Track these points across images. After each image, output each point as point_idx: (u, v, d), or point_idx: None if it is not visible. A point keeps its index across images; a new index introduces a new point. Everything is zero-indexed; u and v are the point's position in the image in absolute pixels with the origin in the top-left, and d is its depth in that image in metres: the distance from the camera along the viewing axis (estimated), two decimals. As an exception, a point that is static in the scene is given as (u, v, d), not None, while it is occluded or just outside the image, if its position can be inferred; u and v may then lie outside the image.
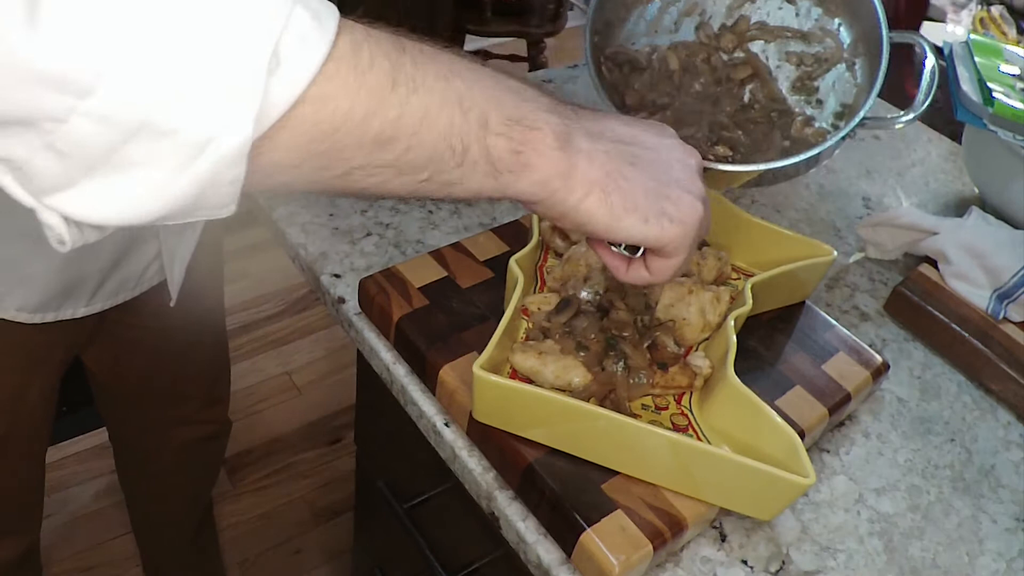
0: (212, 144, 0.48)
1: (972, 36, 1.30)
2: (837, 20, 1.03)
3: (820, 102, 1.03)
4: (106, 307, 1.17)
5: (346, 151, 0.55)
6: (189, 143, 0.48)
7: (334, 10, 0.54)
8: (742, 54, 1.05)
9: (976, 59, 1.23)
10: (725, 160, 0.96)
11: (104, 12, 0.45)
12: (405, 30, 0.61)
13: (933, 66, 0.99)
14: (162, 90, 0.46)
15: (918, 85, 0.98)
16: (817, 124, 1.01)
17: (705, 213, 0.72)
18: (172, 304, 1.24)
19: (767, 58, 1.05)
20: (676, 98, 1.01)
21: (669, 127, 0.77)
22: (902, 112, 0.97)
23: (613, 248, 0.74)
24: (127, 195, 0.49)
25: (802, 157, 0.93)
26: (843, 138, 0.94)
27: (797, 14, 1.04)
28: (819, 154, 0.93)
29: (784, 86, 1.04)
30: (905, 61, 1.77)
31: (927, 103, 0.97)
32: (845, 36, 1.03)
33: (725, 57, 1.05)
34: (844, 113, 1.01)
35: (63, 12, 0.44)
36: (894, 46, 0.96)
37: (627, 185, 0.67)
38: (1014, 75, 1.23)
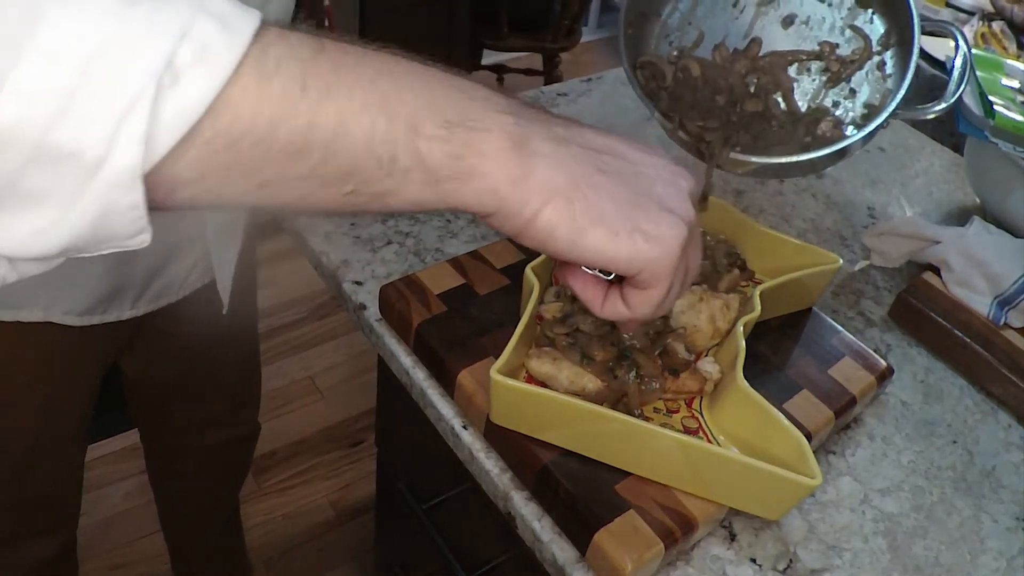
0: (103, 168, 0.43)
1: (974, 51, 1.30)
2: (870, 10, 0.99)
3: (853, 91, 0.99)
4: (150, 310, 1.18)
5: (252, 163, 0.48)
6: (82, 168, 0.43)
7: (252, 16, 0.47)
8: (758, 77, 1.02)
9: (978, 73, 1.23)
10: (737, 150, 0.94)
11: None
12: (423, 51, 0.55)
13: (965, 55, 0.96)
14: (48, 116, 0.42)
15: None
16: (849, 115, 0.99)
17: (690, 239, 0.62)
18: (224, 311, 1.24)
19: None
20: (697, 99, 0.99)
21: (661, 149, 0.66)
22: (932, 103, 0.94)
23: (587, 270, 0.65)
24: (27, 228, 0.44)
25: (819, 154, 0.92)
26: (867, 136, 0.92)
27: (830, 4, 1.01)
28: (842, 149, 0.92)
29: (811, 86, 1.01)
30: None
31: (960, 92, 0.94)
32: (878, 26, 0.99)
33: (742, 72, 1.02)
34: (869, 113, 0.98)
35: None
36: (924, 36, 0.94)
37: (594, 194, 0.57)
38: (1014, 88, 1.23)
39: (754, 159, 0.93)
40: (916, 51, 0.93)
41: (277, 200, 0.51)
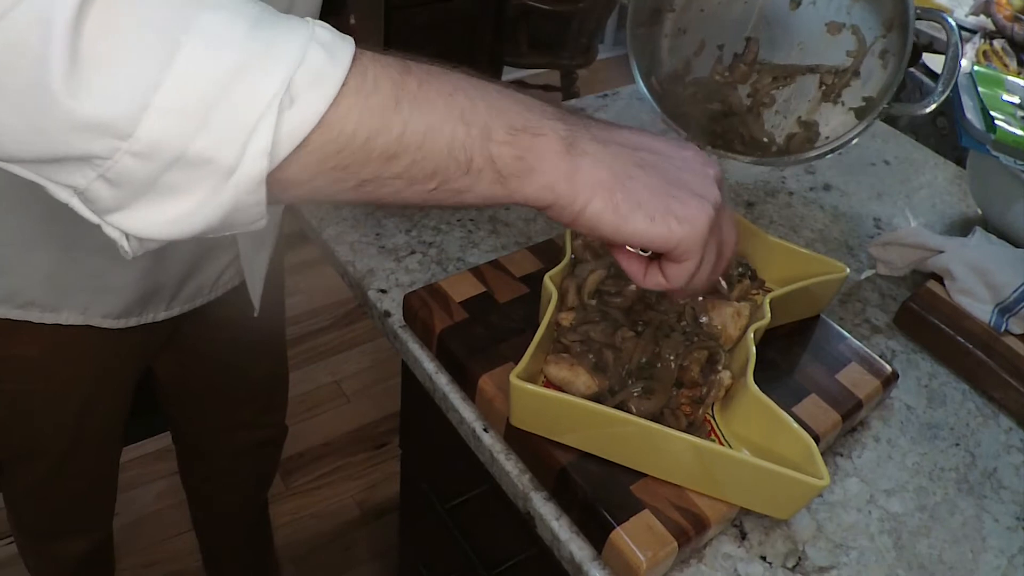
0: (235, 174, 0.51)
1: (976, 68, 1.30)
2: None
3: (858, 74, 0.99)
4: (184, 311, 1.19)
5: (354, 167, 0.56)
6: (217, 173, 0.51)
7: (349, 43, 0.55)
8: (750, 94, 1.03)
9: (979, 89, 1.23)
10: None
11: (134, 66, 0.48)
12: (443, 62, 0.62)
13: (956, 44, 0.94)
14: (188, 130, 0.49)
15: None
16: (853, 102, 1.00)
17: (718, 218, 0.69)
18: (256, 314, 1.25)
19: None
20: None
21: (691, 144, 0.74)
22: (923, 100, 0.93)
23: (630, 249, 0.71)
24: (171, 215, 0.53)
25: (795, 158, 0.99)
26: (826, 152, 0.96)
27: None
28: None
29: (807, 101, 1.02)
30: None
31: (947, 92, 0.92)
32: (886, 3, 0.97)
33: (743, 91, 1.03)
34: (866, 106, 0.98)
35: (98, 70, 0.47)
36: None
37: (632, 184, 0.65)
38: (1015, 104, 1.23)
39: (742, 159, 1.00)
40: (910, 46, 0.93)
41: (373, 196, 0.59)
